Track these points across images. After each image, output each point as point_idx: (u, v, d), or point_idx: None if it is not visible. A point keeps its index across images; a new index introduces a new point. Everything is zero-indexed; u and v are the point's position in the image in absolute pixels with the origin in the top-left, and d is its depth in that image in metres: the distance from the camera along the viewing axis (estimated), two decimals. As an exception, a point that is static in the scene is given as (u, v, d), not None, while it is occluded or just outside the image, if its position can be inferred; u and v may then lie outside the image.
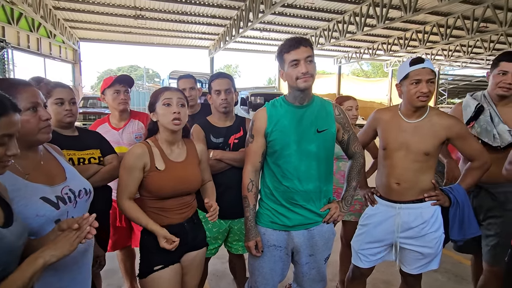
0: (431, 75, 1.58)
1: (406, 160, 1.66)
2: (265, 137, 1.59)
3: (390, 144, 1.71)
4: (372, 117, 1.86)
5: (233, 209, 1.88)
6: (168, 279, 1.45)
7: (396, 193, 1.71)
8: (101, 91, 2.17)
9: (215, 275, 2.80)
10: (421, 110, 1.65)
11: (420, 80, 1.57)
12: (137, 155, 1.45)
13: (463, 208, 1.67)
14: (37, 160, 1.18)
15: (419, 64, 1.58)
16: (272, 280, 1.66)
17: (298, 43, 1.46)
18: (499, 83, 1.76)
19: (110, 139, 2.00)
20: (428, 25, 12.53)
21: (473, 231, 1.70)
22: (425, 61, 1.60)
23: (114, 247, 2.23)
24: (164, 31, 14.01)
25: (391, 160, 1.71)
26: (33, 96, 1.13)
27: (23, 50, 11.63)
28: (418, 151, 1.63)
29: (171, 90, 1.52)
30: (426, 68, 1.57)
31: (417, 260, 1.75)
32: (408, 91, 1.61)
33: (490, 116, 1.80)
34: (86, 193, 1.26)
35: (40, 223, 1.06)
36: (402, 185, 1.68)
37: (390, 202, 1.75)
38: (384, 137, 1.77)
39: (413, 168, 1.66)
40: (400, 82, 1.67)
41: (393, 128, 1.71)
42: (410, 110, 1.67)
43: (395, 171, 1.69)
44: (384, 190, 1.77)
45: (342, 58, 19.29)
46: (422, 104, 1.60)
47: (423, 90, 1.56)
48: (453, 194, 1.69)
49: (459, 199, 1.68)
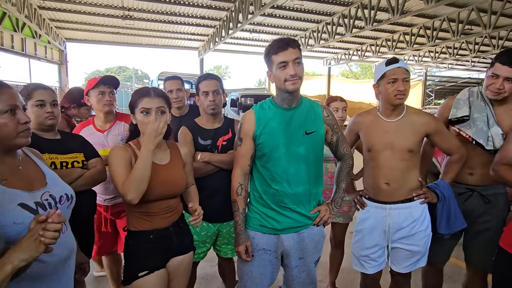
0: (406, 74, 1.65)
1: (393, 159, 1.70)
2: (253, 140, 1.57)
3: (375, 146, 1.75)
4: (353, 121, 1.90)
5: (222, 212, 1.85)
6: (153, 285, 1.41)
7: (386, 193, 1.73)
8: (85, 93, 2.11)
9: (204, 278, 2.76)
10: (399, 108, 1.72)
11: (396, 79, 1.63)
12: (120, 149, 1.43)
13: (449, 203, 1.72)
14: (15, 165, 1.13)
15: (394, 64, 1.65)
16: (261, 284, 1.64)
17: (287, 45, 1.44)
18: (490, 85, 1.72)
19: (94, 141, 1.95)
20: (415, 27, 12.73)
21: (459, 224, 1.74)
22: (400, 61, 1.67)
23: (99, 253, 2.17)
24: (153, 32, 13.86)
25: (378, 161, 1.73)
26: (11, 98, 1.08)
27: (7, 51, 11.32)
28: (402, 149, 1.69)
29: (150, 96, 1.44)
30: (401, 68, 1.64)
31: (407, 259, 1.78)
32: (385, 90, 1.67)
33: (486, 116, 1.76)
34: (67, 199, 1.22)
35: (18, 231, 1.01)
36: (392, 185, 1.71)
37: (380, 204, 1.76)
38: (368, 139, 1.79)
39: (399, 166, 1.70)
40: (378, 82, 1.73)
41: (376, 129, 1.75)
42: (389, 109, 1.73)
43: (383, 171, 1.72)
44: (373, 192, 1.78)
45: (332, 59, 19.44)
46: (400, 101, 1.66)
47: (400, 88, 1.63)
48: (439, 190, 1.74)
49: (445, 194, 1.72)
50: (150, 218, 1.45)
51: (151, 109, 1.43)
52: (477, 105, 1.80)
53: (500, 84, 1.67)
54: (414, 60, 18.92)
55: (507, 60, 1.65)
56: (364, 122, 1.82)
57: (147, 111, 1.43)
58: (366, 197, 1.83)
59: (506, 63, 1.65)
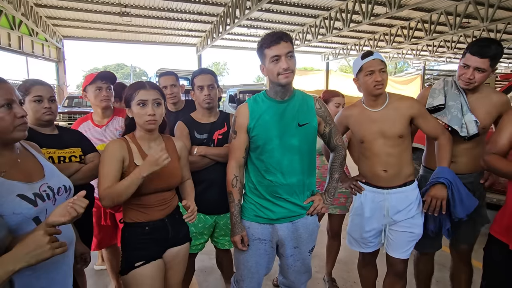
0: (382, 65, 1.72)
1: (386, 147, 1.76)
2: (247, 133, 1.59)
3: (366, 136, 1.80)
4: (340, 115, 1.96)
5: (218, 204, 1.89)
6: (149, 275, 1.44)
7: (384, 180, 1.79)
8: (83, 88, 2.14)
9: (203, 271, 2.81)
10: (382, 97, 1.78)
11: (373, 71, 1.71)
12: (116, 146, 1.44)
13: (457, 185, 1.70)
14: (13, 158, 1.15)
15: (369, 57, 1.73)
16: (257, 274, 1.67)
17: (279, 38, 1.47)
18: (461, 75, 1.78)
19: (92, 136, 1.98)
20: (413, 21, 12.70)
21: (473, 203, 1.73)
22: (374, 53, 1.75)
23: (99, 246, 2.21)
24: (150, 28, 13.81)
25: (373, 151, 1.79)
26: (7, 92, 1.11)
27: (4, 49, 11.28)
28: (393, 135, 1.74)
29: (146, 89, 1.47)
30: (376, 59, 1.72)
31: (408, 242, 1.83)
32: (364, 82, 1.75)
33: (460, 103, 1.83)
34: (66, 190, 1.25)
35: (17, 221, 1.05)
36: (389, 171, 1.77)
37: (377, 188, 1.82)
38: (358, 131, 1.84)
39: (394, 152, 1.76)
40: (357, 76, 1.81)
41: (364, 120, 1.81)
42: (371, 100, 1.80)
43: (380, 159, 1.78)
44: (373, 179, 1.83)
45: (330, 54, 19.40)
46: (379, 91, 1.73)
47: (377, 79, 1.70)
48: (443, 177, 1.71)
49: (450, 178, 1.70)
50: (145, 210, 1.47)
51: (147, 101, 1.45)
52: (451, 94, 1.87)
53: (470, 74, 1.74)
54: (412, 54, 18.90)
55: (477, 51, 1.70)
56: (352, 115, 1.88)
57: (143, 102, 1.45)
58: (363, 182, 1.89)
59: (476, 54, 1.70)
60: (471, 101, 1.83)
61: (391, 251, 1.88)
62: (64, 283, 1.22)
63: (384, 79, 1.71)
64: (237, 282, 1.75)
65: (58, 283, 1.17)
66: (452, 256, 2.08)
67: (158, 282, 1.47)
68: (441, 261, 2.86)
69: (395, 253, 1.86)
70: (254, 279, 1.68)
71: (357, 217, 1.91)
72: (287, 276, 1.74)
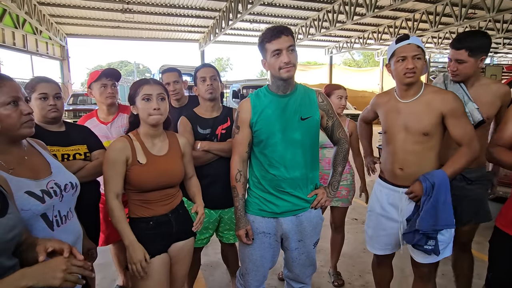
0: (417, 51, 1.57)
1: (407, 143, 1.65)
2: (250, 128, 1.60)
3: (390, 128, 1.73)
4: (373, 101, 1.95)
5: (223, 199, 1.90)
6: (155, 269, 1.46)
7: (400, 178, 1.70)
8: (88, 86, 2.16)
9: (209, 265, 2.84)
10: (414, 88, 1.65)
11: (405, 57, 1.58)
12: (119, 148, 1.45)
13: (437, 195, 1.56)
14: (20, 155, 1.17)
15: (404, 41, 1.60)
16: (262, 267, 1.69)
17: (280, 32, 1.46)
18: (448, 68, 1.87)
19: (98, 133, 1.99)
20: (417, 13, 12.55)
21: (447, 222, 1.58)
22: (411, 38, 1.60)
23: (107, 241, 2.24)
24: (153, 25, 13.82)
25: (393, 145, 1.71)
26: (13, 90, 1.12)
27: (9, 48, 11.38)
28: (416, 131, 1.62)
29: (150, 84, 1.50)
30: (411, 44, 1.58)
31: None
32: (395, 68, 1.63)
33: (462, 94, 1.83)
34: (72, 187, 1.27)
35: (25, 217, 1.07)
36: (405, 170, 1.67)
37: (393, 186, 1.75)
38: (383, 121, 1.79)
39: (414, 151, 1.64)
40: (389, 62, 1.69)
41: (391, 110, 1.73)
42: (402, 89, 1.68)
43: (398, 156, 1.70)
44: (389, 175, 1.77)
45: (333, 48, 19.26)
46: (410, 80, 1.60)
47: (409, 66, 1.57)
48: (427, 179, 1.58)
49: (436, 183, 1.56)
50: (149, 206, 1.49)
51: (151, 95, 1.47)
52: (452, 86, 1.89)
53: (453, 66, 1.80)
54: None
55: (453, 44, 1.80)
56: (380, 103, 1.83)
57: (148, 97, 1.47)
58: (381, 178, 1.84)
59: (453, 47, 1.79)
60: (470, 92, 1.84)
61: (412, 253, 1.73)
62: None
63: (418, 67, 1.57)
64: (242, 275, 1.77)
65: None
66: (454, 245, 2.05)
67: (163, 276, 1.50)
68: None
69: (418, 257, 1.71)
70: (259, 272, 1.69)
71: (372, 213, 1.87)
72: (292, 270, 1.75)
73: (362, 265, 2.82)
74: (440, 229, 1.60)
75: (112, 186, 1.44)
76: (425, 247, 1.62)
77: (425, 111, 1.60)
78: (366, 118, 2.09)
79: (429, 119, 1.59)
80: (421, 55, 1.59)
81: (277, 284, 2.55)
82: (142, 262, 1.40)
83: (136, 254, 1.40)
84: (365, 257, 2.93)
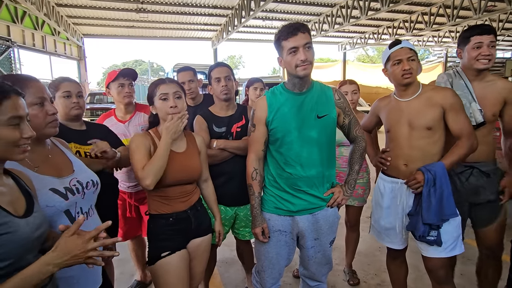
0: (410, 53, 1.68)
1: (411, 138, 1.69)
2: (266, 126, 1.60)
3: (393, 126, 1.76)
4: (374, 104, 1.98)
5: (238, 196, 1.92)
6: (175, 264, 1.50)
7: (404, 174, 1.73)
8: (106, 85, 2.21)
9: (224, 262, 2.87)
10: (413, 87, 1.72)
11: (400, 60, 1.68)
12: (141, 137, 1.51)
13: (441, 186, 1.60)
14: (45, 154, 1.22)
15: (397, 46, 1.70)
16: (278, 264, 1.70)
17: (296, 30, 1.46)
18: (477, 55, 1.77)
19: (116, 132, 2.05)
20: (434, 7, 12.21)
21: (451, 212, 1.62)
22: (402, 42, 1.71)
23: (125, 237, 2.29)
24: (166, 24, 13.95)
25: (397, 141, 1.74)
26: (40, 91, 1.17)
27: (29, 49, 11.71)
28: (419, 126, 1.67)
29: (166, 83, 1.54)
30: (404, 48, 1.69)
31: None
32: (392, 72, 1.72)
33: (467, 93, 1.81)
34: (93, 185, 1.31)
35: (50, 213, 1.11)
36: (410, 166, 1.70)
37: (394, 178, 1.77)
38: (386, 120, 1.84)
39: (418, 145, 1.68)
40: (385, 66, 1.79)
41: (392, 110, 1.79)
42: (401, 90, 1.76)
43: (402, 151, 1.72)
44: (393, 171, 1.79)
45: (347, 44, 18.98)
46: (408, 81, 1.68)
47: (405, 68, 1.66)
48: (428, 171, 1.61)
49: (437, 174, 1.59)
50: (169, 202, 1.53)
51: (168, 94, 1.51)
52: (457, 84, 1.86)
53: (487, 51, 1.75)
54: (434, 41, 18.21)
55: (482, 29, 1.77)
56: (381, 106, 1.89)
57: (165, 96, 1.51)
58: (384, 173, 1.85)
59: (484, 32, 1.76)
60: (478, 89, 1.81)
61: (424, 251, 1.71)
62: (94, 272, 1.28)
63: (413, 67, 1.67)
64: (258, 272, 1.78)
65: (89, 271, 1.23)
66: (480, 251, 1.99)
67: (183, 271, 1.53)
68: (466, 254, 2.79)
69: (428, 251, 1.69)
70: (275, 269, 1.70)
71: (377, 206, 1.90)
72: (307, 268, 1.75)
73: (378, 263, 2.79)
74: (446, 219, 1.63)
75: (142, 165, 1.43)
76: (427, 238, 1.65)
77: (427, 106, 1.67)
78: (366, 126, 2.04)
79: (431, 114, 1.65)
80: (415, 57, 1.69)
81: (292, 282, 2.56)
82: (178, 126, 1.49)
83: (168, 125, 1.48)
84: (380, 255, 2.89)
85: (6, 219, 0.85)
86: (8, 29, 10.16)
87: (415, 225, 1.67)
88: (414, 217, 1.68)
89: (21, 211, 0.92)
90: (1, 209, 0.85)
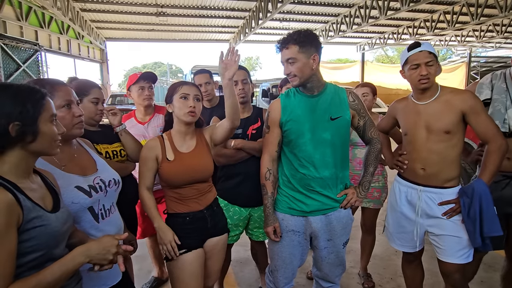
0: (429, 57, 1.62)
1: (429, 142, 1.66)
2: (280, 127, 1.64)
3: (410, 130, 1.74)
4: (391, 106, 1.95)
5: (253, 197, 1.95)
6: (191, 262, 1.55)
7: (421, 178, 1.71)
8: (127, 88, 2.30)
9: (239, 261, 2.91)
10: (431, 90, 1.69)
11: (418, 64, 1.63)
12: (149, 147, 1.58)
13: (480, 204, 1.55)
14: (71, 153, 1.29)
15: (416, 49, 1.65)
16: (291, 264, 1.72)
17: (279, 48, 1.60)
18: None
19: (136, 133, 2.13)
20: (457, 5, 11.83)
21: (495, 229, 1.56)
22: (422, 45, 1.65)
23: (143, 235, 2.37)
24: (185, 27, 14.21)
25: (414, 144, 1.72)
26: (67, 94, 1.25)
27: (55, 52, 12.23)
28: (438, 130, 1.64)
29: (188, 85, 1.62)
30: (423, 51, 1.63)
31: (457, 244, 1.64)
32: (409, 75, 1.69)
33: (506, 98, 1.74)
34: (115, 183, 1.37)
35: (75, 209, 1.18)
36: (427, 170, 1.68)
37: (412, 184, 1.75)
38: (403, 123, 1.81)
39: (437, 149, 1.64)
40: (403, 68, 1.75)
41: (410, 112, 1.75)
42: (418, 93, 1.72)
43: (420, 155, 1.69)
44: (410, 174, 1.77)
45: (366, 44, 18.70)
46: (425, 86, 1.65)
47: (422, 73, 1.62)
48: (466, 194, 1.58)
49: (475, 193, 1.55)
50: (185, 202, 1.59)
51: (189, 95, 1.58)
52: (498, 87, 1.78)
53: None
54: (457, 40, 17.64)
55: None
56: (399, 108, 1.85)
57: (185, 96, 1.57)
58: (400, 176, 1.83)
59: None
60: None
61: (442, 255, 1.70)
62: (115, 266, 1.34)
63: (431, 73, 1.62)
64: (271, 272, 1.81)
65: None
66: (507, 257, 1.95)
67: (199, 269, 1.57)
68: (487, 261, 2.72)
69: (445, 256, 1.68)
70: (288, 269, 1.73)
71: (392, 210, 1.88)
72: (321, 269, 1.76)
73: (394, 267, 2.75)
74: (490, 235, 1.58)
75: (144, 180, 1.59)
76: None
77: (445, 109, 1.63)
78: (383, 128, 2.00)
79: (449, 117, 1.61)
80: (434, 61, 1.63)
81: (305, 283, 2.57)
82: (171, 242, 1.52)
83: (165, 235, 1.52)
84: (396, 260, 2.85)
85: (40, 213, 0.93)
86: (36, 34, 10.64)
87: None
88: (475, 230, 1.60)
89: (49, 206, 1.00)
90: (35, 204, 0.93)
